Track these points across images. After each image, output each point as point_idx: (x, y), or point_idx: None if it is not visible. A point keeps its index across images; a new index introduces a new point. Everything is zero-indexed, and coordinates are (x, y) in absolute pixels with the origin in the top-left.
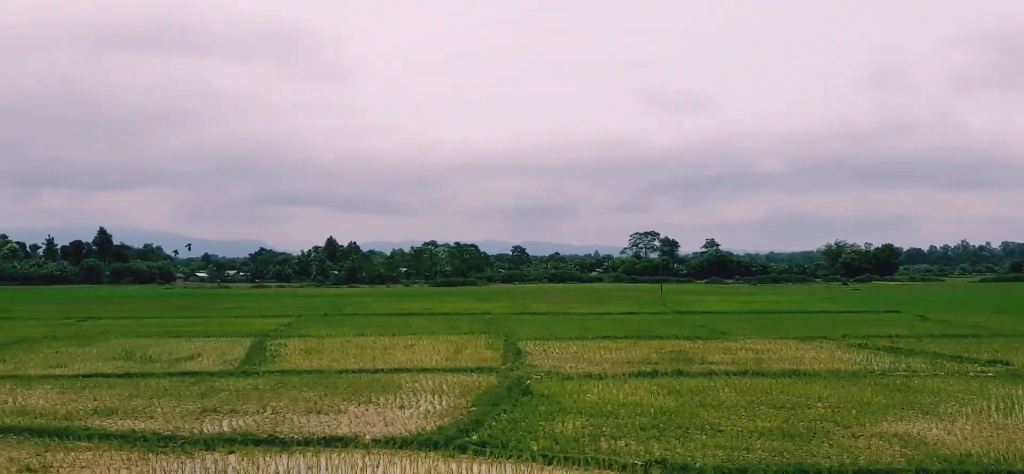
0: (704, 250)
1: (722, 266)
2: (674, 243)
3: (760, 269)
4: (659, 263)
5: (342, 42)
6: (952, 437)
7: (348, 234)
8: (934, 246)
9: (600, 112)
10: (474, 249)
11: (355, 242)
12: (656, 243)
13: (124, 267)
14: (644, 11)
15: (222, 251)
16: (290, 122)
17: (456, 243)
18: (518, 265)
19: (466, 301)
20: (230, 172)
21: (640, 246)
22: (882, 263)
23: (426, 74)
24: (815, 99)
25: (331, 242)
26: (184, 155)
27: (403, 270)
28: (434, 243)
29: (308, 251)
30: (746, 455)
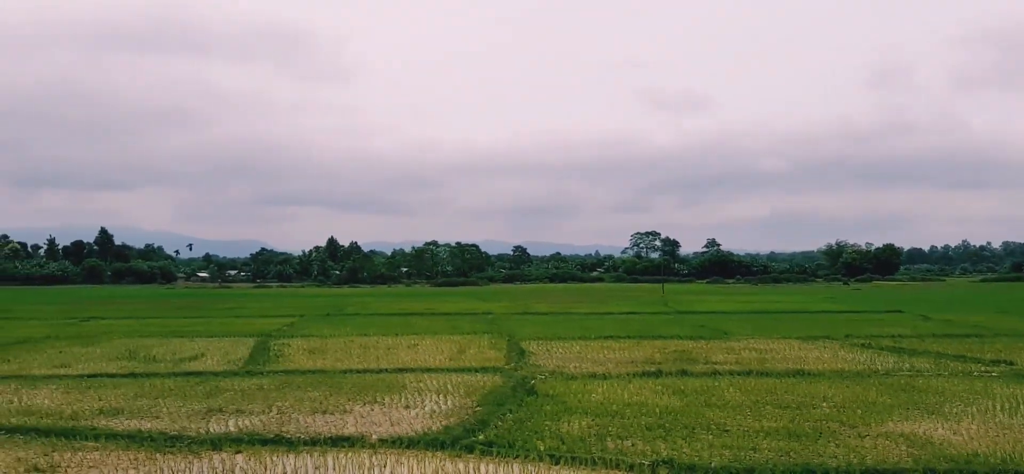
0: (705, 250)
1: (723, 266)
2: (675, 243)
3: (761, 269)
4: (660, 263)
5: (342, 42)
6: (958, 437)
7: (348, 234)
8: (935, 246)
9: (600, 112)
10: (475, 249)
11: (356, 242)
12: (657, 243)
13: (125, 267)
14: (644, 11)
15: (223, 251)
16: (290, 122)
17: (457, 243)
18: (519, 265)
19: (468, 301)
20: (230, 172)
21: (641, 246)
22: (883, 263)
23: (426, 74)
24: (815, 99)
25: (332, 242)
26: (184, 155)
27: (404, 270)
28: (435, 243)
29: (309, 251)
30: (753, 455)
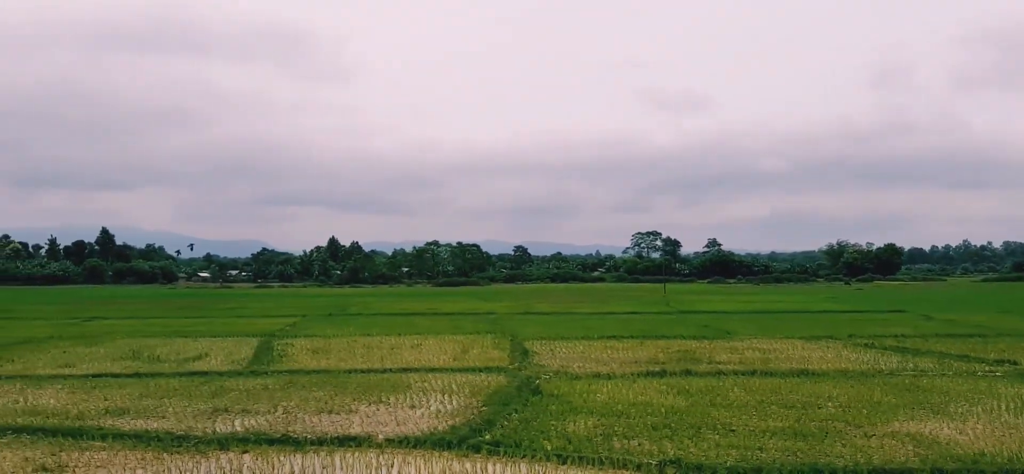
0: (706, 250)
1: (724, 266)
2: (676, 243)
3: (762, 269)
4: (661, 263)
5: (342, 42)
6: (964, 437)
7: (349, 234)
8: (936, 246)
9: (600, 112)
10: (476, 249)
11: (357, 242)
12: (658, 243)
13: (127, 267)
14: (644, 11)
15: (223, 251)
16: (290, 122)
17: (458, 243)
18: (520, 265)
19: (469, 301)
20: (231, 172)
21: (642, 246)
22: (884, 263)
23: (426, 74)
24: (815, 99)
25: (333, 242)
26: (185, 155)
27: (405, 270)
28: (436, 243)
29: (310, 251)
30: (759, 455)
